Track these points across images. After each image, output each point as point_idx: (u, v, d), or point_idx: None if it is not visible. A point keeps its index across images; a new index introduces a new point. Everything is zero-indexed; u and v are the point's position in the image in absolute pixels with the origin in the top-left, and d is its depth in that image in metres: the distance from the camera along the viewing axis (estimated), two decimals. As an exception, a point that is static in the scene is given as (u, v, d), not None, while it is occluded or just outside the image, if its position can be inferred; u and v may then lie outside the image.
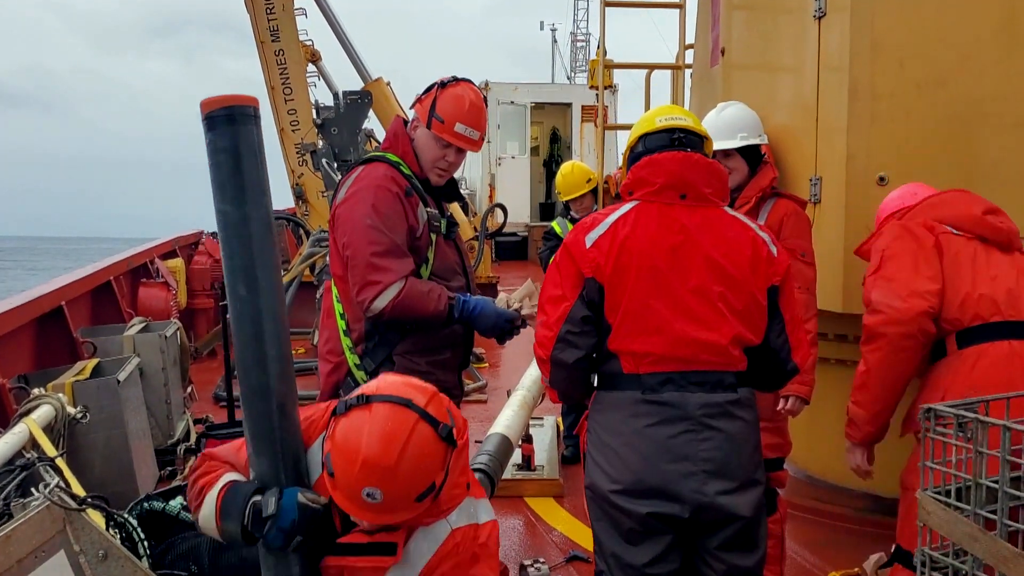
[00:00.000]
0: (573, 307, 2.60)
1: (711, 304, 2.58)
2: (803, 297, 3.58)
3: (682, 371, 2.57)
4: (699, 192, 2.61)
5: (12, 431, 3.58)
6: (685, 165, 2.62)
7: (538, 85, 21.45)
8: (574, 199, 6.04)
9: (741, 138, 3.83)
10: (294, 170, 10.98)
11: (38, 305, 5.58)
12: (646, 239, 2.57)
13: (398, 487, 2.03)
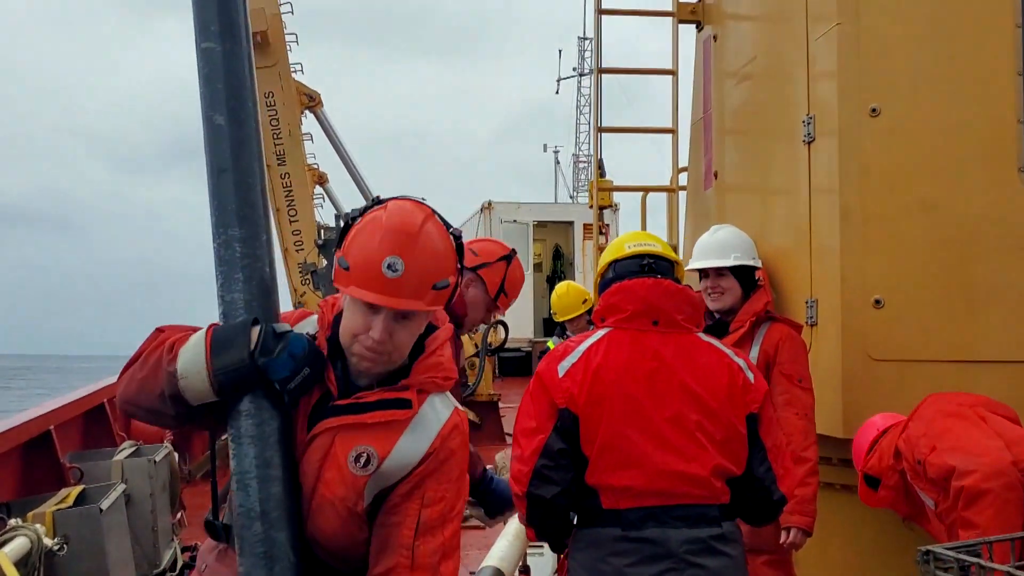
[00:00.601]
0: (548, 439, 2.52)
1: (689, 434, 2.51)
2: (801, 424, 3.54)
3: (664, 505, 2.49)
4: (671, 318, 2.61)
5: (-19, 567, 3.46)
6: (655, 292, 2.63)
7: (540, 204, 21.83)
8: (571, 319, 6.01)
9: (735, 258, 3.86)
10: (296, 289, 11.04)
11: (25, 430, 5.49)
12: (619, 367, 2.53)
13: (418, 260, 1.97)
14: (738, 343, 3.71)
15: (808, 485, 3.54)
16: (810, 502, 3.53)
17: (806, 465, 3.54)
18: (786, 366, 3.67)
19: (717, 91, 5.71)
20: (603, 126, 6.12)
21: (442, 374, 2.12)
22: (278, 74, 11.02)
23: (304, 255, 10.17)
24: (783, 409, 3.57)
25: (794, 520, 3.49)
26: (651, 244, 2.80)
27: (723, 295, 3.86)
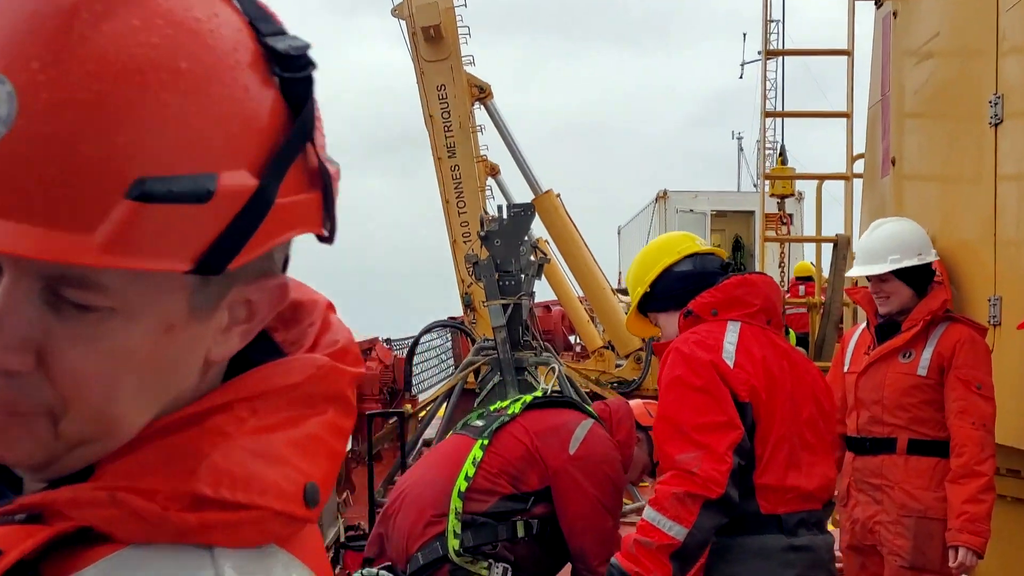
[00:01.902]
0: (742, 440, 2.39)
1: (821, 436, 2.50)
2: (977, 435, 3.24)
3: (811, 510, 2.44)
4: (779, 320, 2.60)
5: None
6: (774, 290, 2.62)
7: (719, 193, 21.19)
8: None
9: (892, 261, 3.55)
10: (464, 280, 11.24)
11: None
12: (770, 363, 2.47)
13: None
14: (910, 343, 3.48)
15: (981, 502, 3.24)
16: (982, 521, 3.22)
17: (980, 480, 3.24)
18: (963, 370, 3.36)
19: (896, 71, 5.32)
20: (770, 110, 5.81)
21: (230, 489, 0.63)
22: (450, 67, 11.21)
23: (472, 246, 10.33)
24: (956, 418, 3.30)
25: (963, 539, 3.20)
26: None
27: (889, 299, 3.58)
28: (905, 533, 3.35)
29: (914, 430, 3.41)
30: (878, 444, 3.49)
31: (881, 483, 3.45)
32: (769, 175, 6.11)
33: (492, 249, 7.63)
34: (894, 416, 3.45)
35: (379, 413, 8.58)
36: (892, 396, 3.47)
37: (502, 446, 3.10)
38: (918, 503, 3.35)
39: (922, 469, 3.38)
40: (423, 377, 12.70)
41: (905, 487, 3.39)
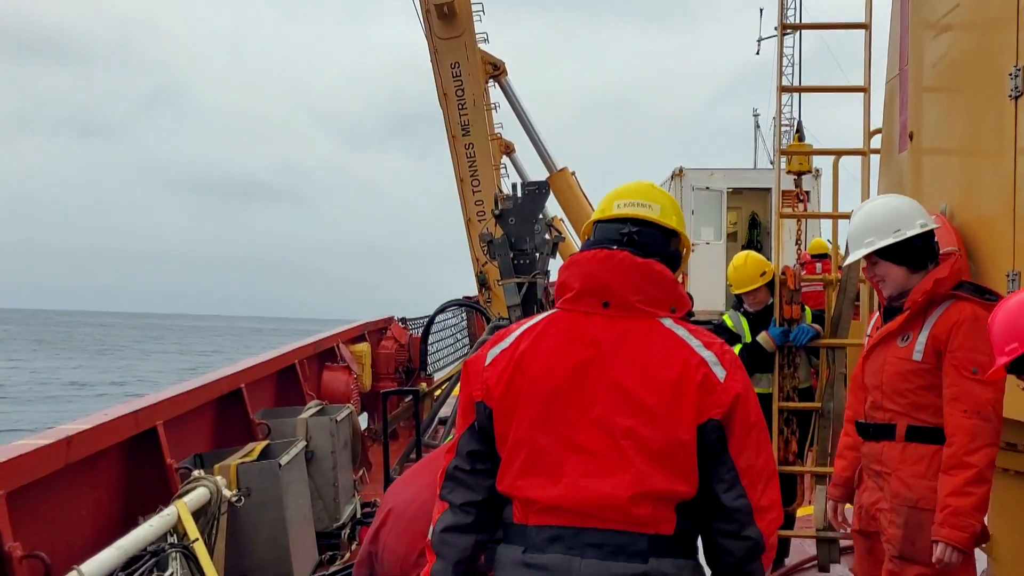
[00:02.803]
0: (461, 439, 2.18)
1: (613, 443, 2.02)
2: (968, 423, 3.07)
3: (576, 528, 2.01)
4: (624, 300, 2.08)
5: (160, 514, 3.72)
6: (607, 266, 2.11)
7: (735, 171, 20.98)
8: (748, 292, 5.73)
9: (867, 244, 3.36)
10: (478, 259, 11.23)
11: (217, 387, 5.89)
12: (547, 356, 2.09)
13: None
14: (906, 326, 3.31)
15: (968, 495, 3.05)
16: (967, 515, 3.04)
17: (967, 472, 3.05)
18: (958, 354, 3.15)
19: (915, 44, 5.23)
20: (786, 85, 5.74)
21: None
22: (464, 44, 11.15)
23: (486, 225, 10.32)
24: (948, 405, 3.14)
25: (943, 534, 3.05)
26: (645, 205, 2.22)
27: (884, 282, 3.42)
28: (898, 522, 3.24)
29: (912, 416, 3.27)
30: (879, 430, 3.37)
31: (881, 470, 3.35)
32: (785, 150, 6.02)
33: (507, 227, 7.62)
34: (893, 402, 3.31)
35: (394, 391, 8.62)
36: (890, 381, 3.33)
37: None
38: (911, 493, 3.22)
39: (919, 457, 3.23)
40: (438, 356, 12.75)
41: (901, 475, 3.27)
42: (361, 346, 9.45)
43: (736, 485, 2.04)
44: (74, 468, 4.01)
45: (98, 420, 4.33)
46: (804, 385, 5.66)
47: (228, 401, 6.04)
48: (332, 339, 8.79)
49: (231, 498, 4.34)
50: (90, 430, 4.13)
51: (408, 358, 10.36)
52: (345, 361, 8.65)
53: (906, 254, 3.34)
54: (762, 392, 5.64)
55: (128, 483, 4.63)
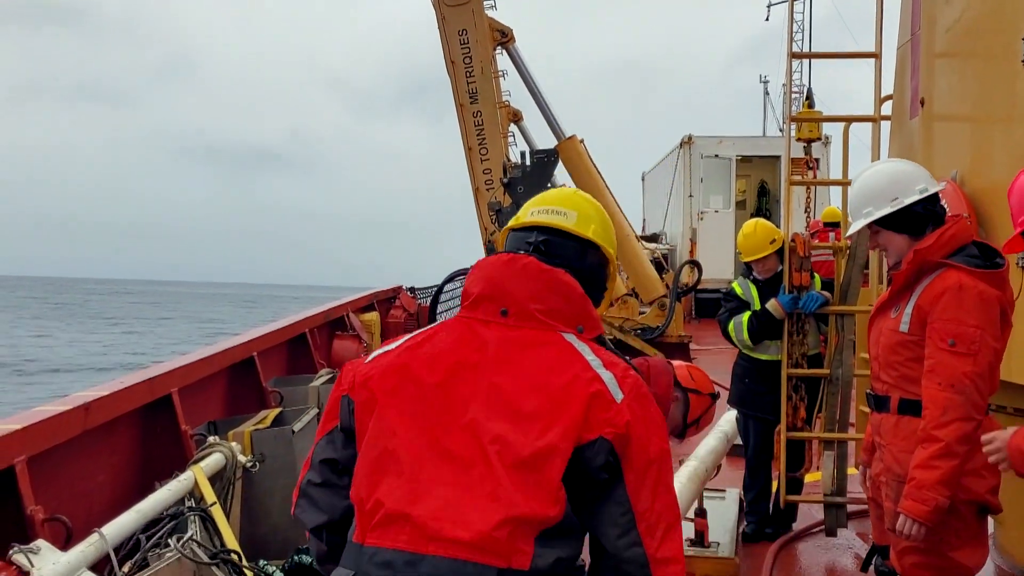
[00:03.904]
0: (317, 446, 1.92)
1: (480, 451, 1.73)
2: (941, 396, 3.01)
3: (412, 554, 1.67)
4: (524, 308, 1.83)
5: (178, 479, 3.79)
6: (508, 271, 1.87)
7: (744, 138, 20.93)
8: (757, 260, 5.74)
9: (865, 215, 3.30)
10: (487, 228, 11.24)
11: (231, 355, 5.95)
12: (430, 356, 1.84)
13: None
14: (896, 297, 3.26)
15: (933, 468, 3.00)
16: (930, 488, 2.99)
17: (935, 446, 3.00)
18: (936, 325, 3.06)
19: (927, 9, 5.19)
20: (795, 51, 5.70)
21: None
22: (471, 11, 11.08)
23: (495, 193, 10.32)
24: (925, 376, 3.09)
25: (905, 506, 3.03)
26: (560, 212, 2.00)
27: (887, 251, 3.38)
28: (891, 496, 3.24)
29: (904, 389, 3.23)
30: (879, 401, 3.36)
31: (880, 442, 3.36)
32: (795, 117, 6.01)
33: (515, 196, 7.63)
34: (887, 374, 3.29)
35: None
36: (883, 353, 3.30)
37: None
38: (900, 467, 3.20)
39: (910, 431, 3.18)
40: (448, 325, 12.79)
41: (892, 449, 3.26)
42: (370, 315, 9.51)
43: (631, 531, 1.76)
44: (92, 434, 4.08)
45: (114, 387, 4.40)
46: (813, 352, 5.69)
47: (241, 369, 6.11)
48: (342, 308, 8.85)
49: (246, 464, 4.40)
50: (107, 397, 4.19)
51: (417, 327, 10.42)
52: (355, 330, 8.71)
53: (907, 221, 3.25)
54: (771, 359, 5.68)
55: (144, 449, 4.71)
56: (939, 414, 3.00)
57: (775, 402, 5.59)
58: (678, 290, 10.93)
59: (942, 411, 3.00)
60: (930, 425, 3.02)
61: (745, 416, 5.89)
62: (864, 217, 3.30)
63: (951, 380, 3.02)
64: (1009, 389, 4.01)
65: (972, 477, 3.05)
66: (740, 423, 5.97)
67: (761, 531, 5.80)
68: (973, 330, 3.03)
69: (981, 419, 3.07)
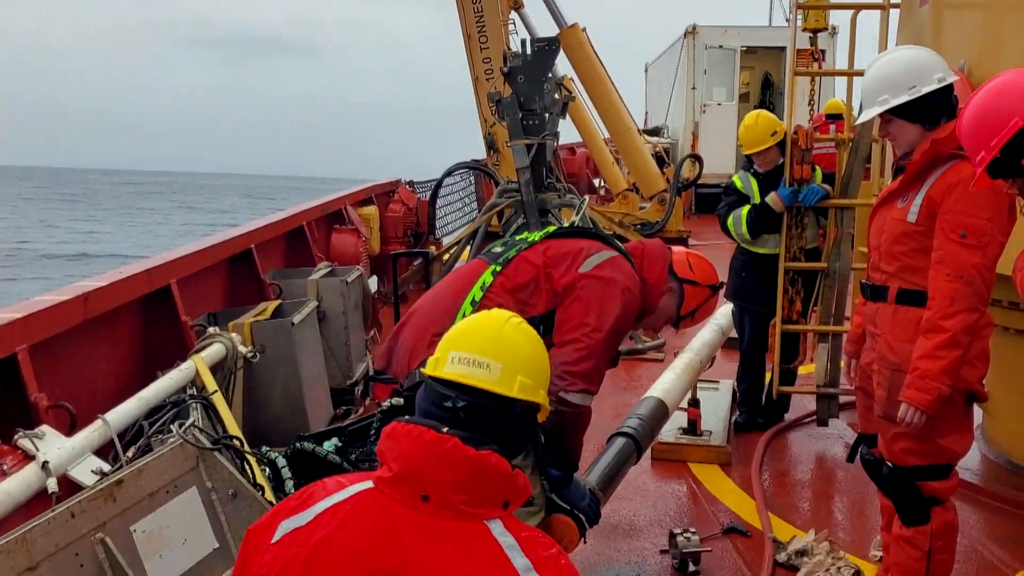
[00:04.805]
0: None
1: None
2: (949, 287, 3.02)
3: None
4: (446, 499, 1.61)
5: (179, 368, 3.83)
6: (430, 454, 1.62)
7: (750, 28, 20.40)
8: (758, 152, 5.67)
9: (880, 102, 3.20)
10: (487, 119, 11.08)
11: (228, 247, 5.94)
12: (342, 557, 1.61)
13: None
14: (906, 186, 3.23)
15: (937, 359, 3.01)
16: (934, 378, 3.02)
17: (941, 336, 3.02)
18: (948, 217, 3.05)
19: None
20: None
21: None
22: None
23: (495, 84, 10.13)
24: (933, 267, 3.09)
25: (908, 395, 3.06)
26: (481, 364, 1.71)
27: (897, 140, 3.30)
28: (883, 384, 3.27)
29: (904, 279, 3.23)
30: (876, 291, 3.35)
31: (874, 331, 3.36)
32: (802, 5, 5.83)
33: (515, 86, 7.48)
34: (888, 263, 3.28)
35: (404, 253, 8.68)
36: (886, 243, 3.29)
37: (514, 269, 3.02)
38: (895, 355, 3.23)
39: (908, 320, 3.20)
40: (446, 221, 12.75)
41: (888, 338, 3.27)
42: (369, 209, 9.45)
43: None
44: (92, 324, 4.11)
45: (113, 278, 4.41)
46: (811, 245, 5.69)
47: (239, 262, 6.11)
48: (339, 201, 8.78)
49: (246, 354, 4.46)
50: (106, 287, 4.21)
51: (416, 222, 10.37)
52: (353, 224, 8.67)
53: (922, 111, 3.18)
54: (769, 252, 5.68)
55: (145, 340, 4.76)
56: (947, 305, 3.01)
57: (771, 295, 5.62)
58: (678, 185, 10.85)
59: (950, 302, 3.01)
60: (937, 316, 3.04)
61: (741, 309, 5.94)
62: (879, 105, 3.21)
63: (960, 271, 3.03)
64: (1005, 283, 4.02)
65: (966, 367, 3.09)
66: (736, 316, 6.02)
67: (753, 421, 5.92)
68: (984, 222, 3.03)
69: (985, 310, 3.11)
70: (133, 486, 2.52)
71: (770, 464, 5.38)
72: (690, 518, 4.58)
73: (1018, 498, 4.72)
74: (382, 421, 4.26)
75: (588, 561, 4.07)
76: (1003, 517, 4.57)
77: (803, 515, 4.68)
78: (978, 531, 4.45)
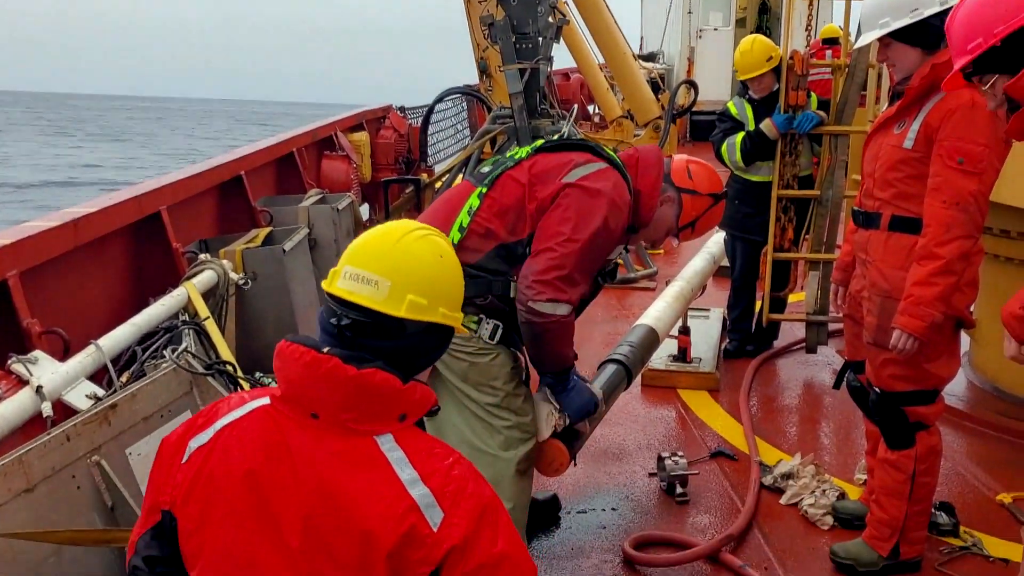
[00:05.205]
0: (140, 537, 1.74)
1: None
2: (946, 214, 2.99)
3: None
4: (333, 416, 1.60)
5: (171, 294, 3.84)
6: (312, 375, 1.59)
7: (748, -49, 19.98)
8: (753, 78, 5.61)
9: (881, 26, 3.13)
10: (479, 44, 10.85)
11: (217, 174, 5.90)
12: (236, 470, 1.62)
13: None
14: (903, 112, 3.18)
15: (932, 285, 3.00)
16: (928, 305, 3.02)
17: (935, 263, 3.01)
18: (945, 143, 3.01)
19: None
20: None
21: None
22: None
23: (488, 6, 9.91)
24: (929, 195, 3.06)
25: (901, 321, 3.06)
26: (371, 281, 1.64)
27: (896, 66, 3.23)
28: (873, 310, 3.27)
29: (898, 206, 3.20)
30: (868, 218, 3.33)
31: (866, 258, 3.35)
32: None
33: (508, 9, 7.32)
34: (882, 190, 3.25)
35: (396, 180, 8.61)
36: (880, 170, 3.25)
37: (501, 190, 2.89)
38: (886, 282, 3.22)
39: (901, 247, 3.19)
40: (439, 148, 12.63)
41: (880, 265, 3.26)
42: (359, 135, 9.35)
43: None
44: (83, 250, 4.10)
45: (102, 204, 4.39)
46: (804, 173, 5.67)
47: (229, 188, 6.07)
48: (330, 127, 8.68)
49: (238, 281, 4.46)
50: (96, 213, 4.19)
51: (408, 148, 10.27)
52: (344, 150, 8.59)
53: (922, 34, 3.10)
54: (762, 180, 5.66)
55: (136, 266, 4.75)
56: (942, 232, 2.99)
57: (764, 223, 5.63)
58: (673, 112, 10.72)
59: (945, 229, 3.00)
60: (932, 242, 3.03)
61: (733, 237, 5.94)
62: (880, 28, 3.14)
63: (956, 198, 3.00)
64: (996, 210, 4.02)
65: (956, 293, 3.10)
66: (728, 244, 6.03)
67: (742, 348, 5.98)
68: (982, 149, 2.99)
69: (979, 237, 3.10)
70: (127, 410, 2.55)
71: (758, 390, 5.45)
72: (678, 442, 4.65)
73: (1001, 423, 4.81)
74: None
75: (578, 484, 4.15)
76: (986, 441, 4.66)
77: (789, 440, 4.76)
78: (961, 455, 4.54)
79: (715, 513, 3.94)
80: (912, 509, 3.36)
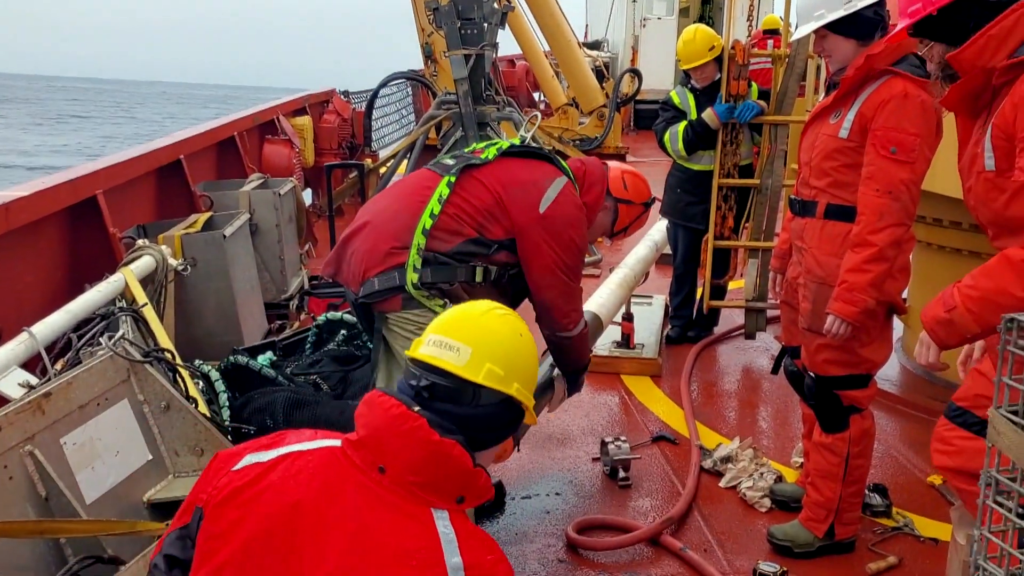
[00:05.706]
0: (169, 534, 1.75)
1: None
2: (878, 202, 3.05)
3: None
4: (399, 474, 1.61)
5: (108, 280, 3.76)
6: (393, 430, 1.63)
7: (692, -59, 20.14)
8: (695, 68, 5.66)
9: (816, 18, 3.19)
10: (424, 28, 10.79)
11: (156, 157, 5.78)
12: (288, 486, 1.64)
13: None
14: (839, 102, 3.24)
15: (864, 272, 3.07)
16: (861, 291, 3.09)
17: (869, 250, 3.06)
18: (879, 133, 3.05)
19: None
20: None
21: None
22: None
23: (431, -9, 9.85)
24: (863, 183, 3.13)
25: (835, 308, 3.13)
26: (452, 347, 1.71)
27: (832, 57, 3.30)
28: (809, 296, 3.34)
29: (833, 194, 3.26)
30: (805, 207, 3.39)
31: (802, 246, 3.41)
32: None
33: (453, -5, 7.29)
34: (818, 179, 3.31)
35: (339, 165, 8.53)
36: (816, 159, 3.31)
37: (470, 190, 3.05)
38: (821, 269, 3.29)
39: (835, 235, 3.24)
40: (383, 133, 12.53)
41: (815, 252, 3.32)
42: (302, 119, 9.22)
43: None
44: (14, 236, 3.99)
45: (34, 188, 4.27)
46: (745, 162, 5.75)
47: (168, 172, 5.95)
48: (271, 111, 8.55)
49: (177, 267, 4.38)
50: (28, 197, 4.07)
51: (352, 133, 10.16)
52: (286, 135, 8.47)
53: (856, 26, 3.18)
54: (703, 169, 5.73)
55: (71, 252, 4.64)
56: (875, 220, 3.06)
57: (705, 212, 5.70)
58: (617, 100, 10.78)
59: (878, 216, 3.06)
60: (865, 230, 3.09)
61: (675, 225, 6.01)
62: (815, 20, 3.21)
63: (889, 186, 3.06)
64: (928, 199, 4.13)
65: (888, 280, 3.17)
66: (670, 232, 6.10)
67: (684, 334, 6.06)
68: (913, 138, 3.06)
69: (910, 225, 3.17)
70: (62, 398, 2.49)
71: (699, 375, 5.53)
72: (621, 427, 4.71)
73: (933, 407, 4.93)
74: (317, 335, 4.28)
75: (523, 469, 4.18)
76: (918, 424, 4.79)
77: (729, 424, 4.84)
78: (894, 438, 4.67)
79: (656, 496, 4.00)
80: (846, 491, 3.45)
